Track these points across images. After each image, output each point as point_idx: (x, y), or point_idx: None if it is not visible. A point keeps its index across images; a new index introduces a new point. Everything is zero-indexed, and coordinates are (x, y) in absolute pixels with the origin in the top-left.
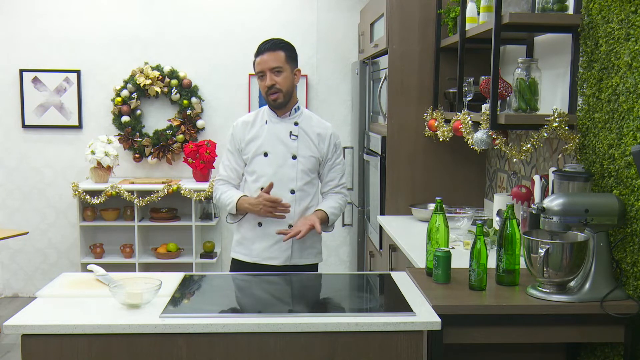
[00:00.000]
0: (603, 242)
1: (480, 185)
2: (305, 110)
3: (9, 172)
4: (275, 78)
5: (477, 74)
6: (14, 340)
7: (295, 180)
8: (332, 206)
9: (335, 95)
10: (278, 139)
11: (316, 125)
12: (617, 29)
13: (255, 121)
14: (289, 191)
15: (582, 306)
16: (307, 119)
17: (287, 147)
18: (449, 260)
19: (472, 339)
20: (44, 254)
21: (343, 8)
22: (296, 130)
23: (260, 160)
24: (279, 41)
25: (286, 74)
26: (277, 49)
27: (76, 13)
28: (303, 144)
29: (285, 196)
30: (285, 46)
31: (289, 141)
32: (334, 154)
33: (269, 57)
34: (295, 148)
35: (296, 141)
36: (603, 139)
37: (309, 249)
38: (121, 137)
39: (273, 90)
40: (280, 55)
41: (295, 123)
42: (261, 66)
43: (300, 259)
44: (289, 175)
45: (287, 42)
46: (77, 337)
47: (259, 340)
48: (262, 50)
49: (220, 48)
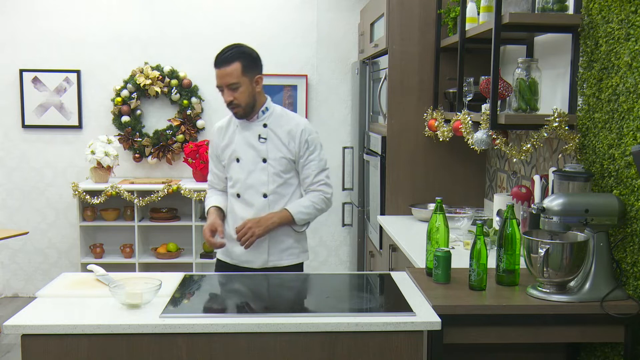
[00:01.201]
0: (603, 242)
1: (480, 185)
2: (276, 108)
3: (9, 172)
4: (233, 94)
5: (477, 74)
6: (14, 340)
7: (267, 184)
8: (302, 205)
9: (335, 95)
10: (248, 143)
11: (286, 124)
12: (617, 29)
13: (229, 126)
14: (262, 195)
15: (582, 306)
16: (278, 118)
17: (256, 151)
18: (449, 260)
19: (472, 339)
20: (44, 254)
21: (343, 8)
22: (265, 133)
23: (234, 166)
24: (234, 52)
25: (244, 87)
26: (232, 62)
27: (76, 13)
28: (272, 146)
29: (258, 201)
30: (241, 56)
31: (258, 145)
32: (306, 151)
33: (223, 73)
34: (264, 151)
35: (265, 144)
36: (603, 139)
37: (289, 250)
38: (121, 137)
39: (232, 105)
40: (236, 68)
41: (264, 125)
42: (218, 81)
43: (279, 261)
44: (260, 180)
45: (244, 49)
46: (77, 337)
47: (259, 340)
48: (217, 64)
49: (220, 48)
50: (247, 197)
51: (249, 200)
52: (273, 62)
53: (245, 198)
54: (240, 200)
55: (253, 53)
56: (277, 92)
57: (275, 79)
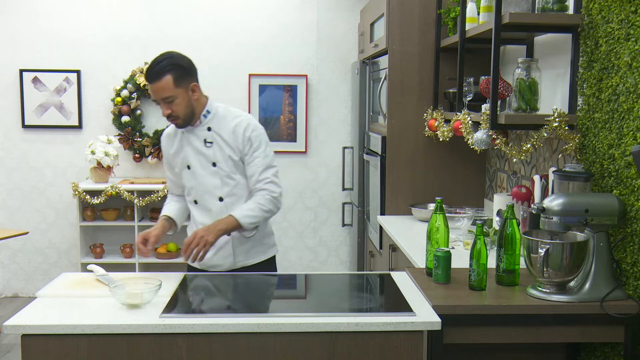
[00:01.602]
0: (603, 242)
1: (480, 185)
2: (219, 109)
3: (9, 172)
4: (170, 107)
5: (477, 74)
6: (14, 340)
7: (220, 187)
8: (248, 208)
9: (335, 95)
10: (195, 149)
11: (230, 122)
12: (617, 29)
13: (177, 132)
14: (217, 199)
15: (582, 306)
16: (221, 118)
17: (204, 156)
18: (449, 260)
19: (472, 339)
20: (44, 254)
21: (343, 8)
22: (210, 137)
23: (186, 173)
24: (164, 64)
25: (179, 99)
26: (163, 75)
27: (76, 13)
28: (219, 148)
29: (214, 205)
30: (171, 68)
31: (205, 150)
32: (250, 148)
33: (156, 88)
34: (212, 155)
35: (211, 148)
36: (603, 139)
37: (255, 248)
38: (121, 137)
39: (171, 118)
40: (167, 81)
41: (208, 129)
42: (152, 95)
43: (247, 260)
44: (214, 184)
45: (175, 59)
46: (77, 337)
47: (259, 340)
48: (148, 79)
49: (220, 48)
50: (204, 202)
51: (205, 206)
52: (273, 62)
53: (202, 204)
54: (198, 207)
55: (184, 62)
56: (277, 92)
57: (275, 79)
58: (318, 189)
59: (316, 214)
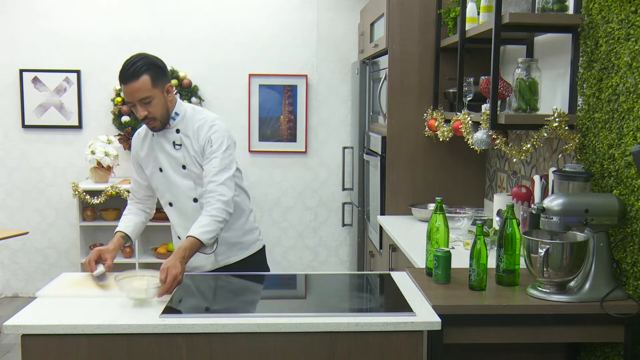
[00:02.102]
0: (603, 242)
1: (480, 185)
2: (187, 110)
3: (9, 172)
4: (147, 108)
5: (477, 74)
6: (14, 340)
7: (194, 188)
8: (202, 224)
9: (335, 95)
10: (165, 152)
11: (197, 122)
12: (617, 29)
13: (147, 134)
14: (192, 200)
15: (582, 306)
16: (189, 120)
17: (174, 158)
18: (449, 260)
19: (472, 339)
20: (44, 254)
21: (343, 8)
22: (179, 139)
23: (158, 176)
24: (140, 64)
25: (156, 99)
26: (140, 75)
27: (76, 13)
28: (187, 150)
29: (189, 207)
30: (148, 67)
31: (174, 152)
32: (210, 148)
33: (132, 89)
34: (181, 158)
35: (180, 150)
36: (603, 139)
37: (236, 246)
38: (121, 137)
39: (147, 120)
40: (145, 81)
41: (177, 131)
42: (127, 97)
43: (229, 259)
44: (187, 186)
45: (150, 59)
46: (77, 337)
47: (259, 340)
48: (124, 80)
49: (220, 48)
50: (179, 204)
51: (180, 208)
52: (273, 62)
53: (177, 206)
54: (173, 209)
55: (160, 62)
56: (277, 92)
57: (275, 79)
58: (318, 189)
59: (316, 214)
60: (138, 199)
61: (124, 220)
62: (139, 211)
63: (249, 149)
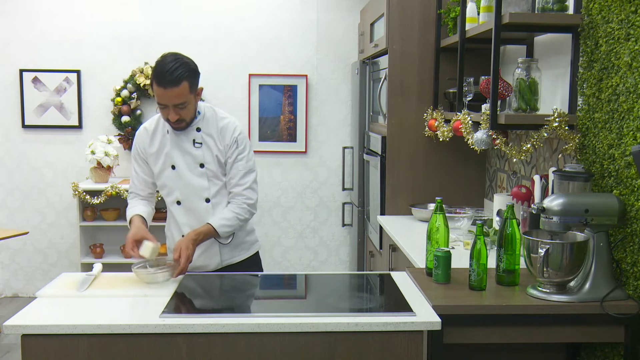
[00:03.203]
0: (603, 242)
1: (480, 185)
2: (207, 110)
3: (9, 172)
4: (180, 112)
5: (477, 74)
6: (14, 340)
7: (208, 188)
8: (225, 217)
9: (335, 95)
10: (183, 149)
11: (221, 122)
12: (617, 29)
13: (157, 130)
14: (204, 200)
15: (582, 306)
16: (210, 119)
17: (193, 156)
18: (449, 260)
19: (472, 339)
20: (44, 254)
21: (343, 8)
22: (199, 137)
23: (169, 173)
24: (182, 71)
25: (190, 105)
26: (180, 82)
27: (76, 13)
28: (208, 149)
29: (200, 206)
30: (188, 74)
31: (193, 150)
32: (236, 150)
33: (171, 94)
34: (201, 156)
35: (200, 149)
36: (603, 139)
37: (240, 245)
38: (121, 137)
39: (177, 122)
40: (184, 88)
41: (197, 129)
42: (163, 100)
43: (232, 259)
44: (201, 185)
45: (189, 65)
46: (77, 337)
47: (259, 340)
48: (164, 84)
49: (220, 48)
50: (189, 203)
51: (190, 207)
52: (273, 62)
53: (186, 205)
54: (181, 208)
55: (196, 67)
56: (277, 92)
57: (275, 79)
58: (318, 189)
59: (316, 214)
60: (141, 197)
61: (136, 206)
62: (146, 203)
63: None
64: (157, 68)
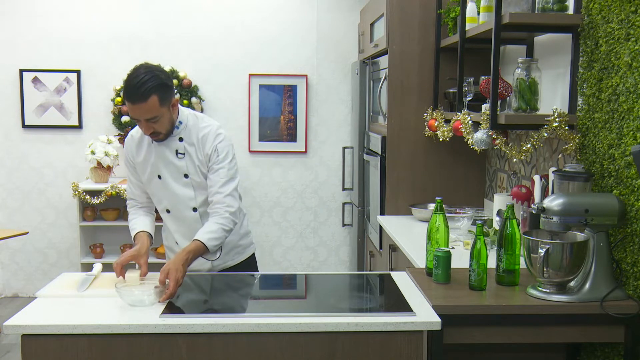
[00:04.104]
0: (603, 242)
1: (480, 185)
2: (189, 118)
3: (9, 172)
4: (153, 125)
5: (477, 74)
6: (14, 340)
7: (194, 198)
8: (210, 231)
9: (335, 95)
10: (166, 160)
11: (201, 131)
12: (617, 29)
13: (143, 139)
14: (191, 209)
15: (582, 306)
16: (192, 128)
17: (176, 167)
18: (449, 260)
19: (472, 339)
20: (44, 254)
21: (343, 8)
22: (182, 148)
23: (156, 183)
24: (149, 85)
25: (163, 118)
26: (148, 97)
27: (76, 13)
28: (190, 159)
29: (188, 215)
30: (156, 87)
31: (176, 161)
32: (217, 158)
33: (140, 109)
34: (184, 167)
35: (183, 159)
36: (603, 139)
37: (233, 250)
38: (121, 137)
39: (153, 135)
40: (153, 102)
41: (180, 139)
42: (133, 114)
43: (225, 263)
44: (187, 195)
45: (158, 78)
46: (77, 337)
47: (259, 340)
48: (131, 100)
49: (220, 48)
50: (177, 213)
51: (179, 216)
52: (273, 62)
53: (175, 214)
54: (171, 216)
55: (167, 80)
56: (277, 92)
57: (275, 79)
58: (318, 189)
59: (316, 214)
60: (141, 203)
61: (141, 221)
62: (147, 213)
63: (249, 149)
64: (126, 82)
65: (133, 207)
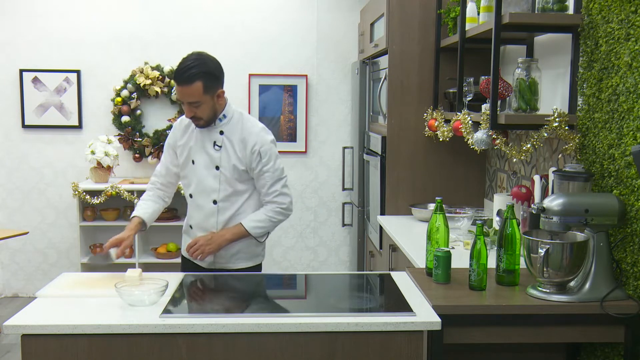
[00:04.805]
0: (603, 242)
1: (480, 185)
2: (234, 114)
3: (9, 172)
4: (194, 110)
5: (477, 74)
6: (14, 340)
7: (217, 191)
8: (257, 219)
9: (335, 95)
10: (203, 148)
11: (241, 132)
12: (617, 29)
13: (190, 125)
14: (212, 201)
15: (582, 306)
16: (235, 124)
17: (210, 157)
18: (449, 260)
19: (472, 339)
20: (44, 254)
21: (343, 8)
22: (220, 140)
23: (190, 167)
24: (196, 71)
25: (205, 105)
26: (193, 81)
27: (76, 13)
28: (226, 153)
29: (207, 206)
30: (202, 74)
31: (212, 151)
32: (259, 163)
33: (184, 92)
34: (218, 159)
35: (219, 152)
36: (603, 139)
37: (237, 254)
38: (121, 137)
39: (194, 119)
40: (197, 88)
41: (220, 132)
42: (178, 96)
43: (226, 264)
44: (212, 186)
45: (207, 66)
46: (77, 337)
47: (258, 340)
48: (177, 81)
49: (220, 47)
50: (198, 200)
51: (199, 204)
52: (273, 62)
53: (196, 200)
54: (192, 201)
55: (215, 70)
56: (277, 92)
57: (275, 79)
58: (318, 189)
59: (316, 214)
60: (161, 184)
61: (142, 205)
62: (158, 198)
63: None
64: (178, 65)
65: (152, 186)
